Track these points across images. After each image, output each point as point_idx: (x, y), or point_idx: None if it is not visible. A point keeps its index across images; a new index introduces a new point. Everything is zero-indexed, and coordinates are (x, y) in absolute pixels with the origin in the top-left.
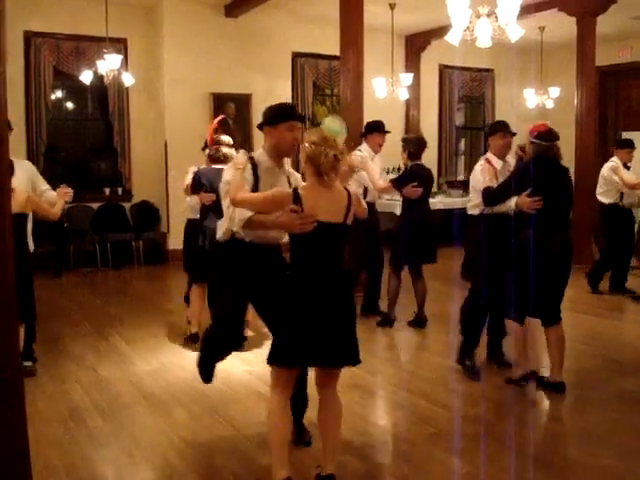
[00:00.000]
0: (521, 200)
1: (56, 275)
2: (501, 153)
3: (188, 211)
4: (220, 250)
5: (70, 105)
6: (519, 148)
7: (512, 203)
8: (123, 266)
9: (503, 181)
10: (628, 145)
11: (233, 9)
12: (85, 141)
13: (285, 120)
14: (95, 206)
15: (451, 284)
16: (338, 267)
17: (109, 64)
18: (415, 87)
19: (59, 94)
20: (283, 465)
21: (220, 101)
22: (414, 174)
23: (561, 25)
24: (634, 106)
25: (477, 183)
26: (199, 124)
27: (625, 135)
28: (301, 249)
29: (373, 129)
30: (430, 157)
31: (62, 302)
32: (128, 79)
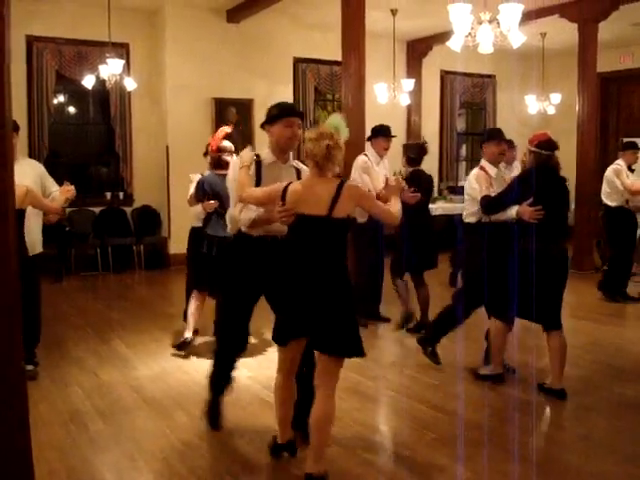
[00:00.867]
0: (522, 209)
1: (57, 279)
2: (495, 160)
3: (193, 219)
4: (229, 247)
5: (72, 109)
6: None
7: (513, 212)
8: (124, 270)
9: (504, 189)
10: (633, 147)
11: (235, 14)
12: (87, 145)
13: (282, 117)
14: (96, 210)
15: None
16: (328, 257)
17: (111, 69)
18: (416, 93)
19: (61, 98)
20: (286, 429)
21: (222, 106)
22: (414, 180)
23: (562, 31)
24: (635, 112)
25: (473, 191)
26: (201, 129)
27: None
28: (291, 239)
29: (378, 133)
30: (431, 163)
31: (63, 306)
32: (130, 84)
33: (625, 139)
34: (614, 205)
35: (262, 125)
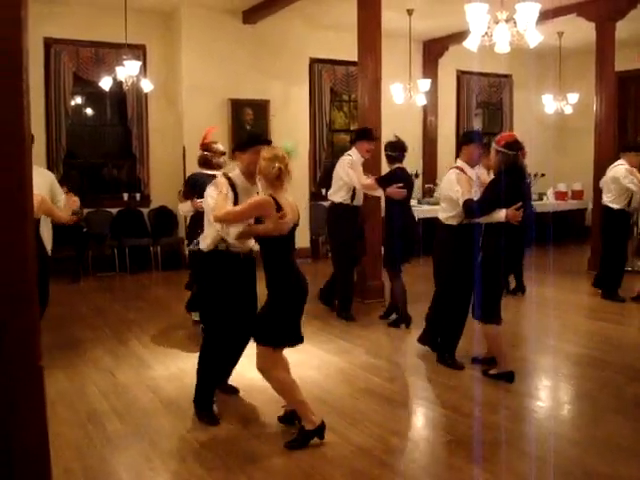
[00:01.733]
0: (512, 213)
1: (75, 280)
2: (474, 163)
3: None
4: (204, 261)
5: (89, 111)
6: None
7: (502, 215)
8: (141, 271)
9: (489, 193)
10: (635, 149)
11: (251, 15)
12: (104, 147)
13: (252, 145)
14: (114, 211)
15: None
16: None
17: (128, 70)
18: (433, 93)
19: (78, 100)
20: (314, 413)
21: (238, 107)
22: (398, 177)
23: (580, 30)
24: None
25: (454, 193)
26: (217, 130)
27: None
28: (278, 249)
29: (361, 136)
30: (448, 162)
31: (81, 307)
32: (147, 85)
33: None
34: (617, 208)
35: (233, 151)
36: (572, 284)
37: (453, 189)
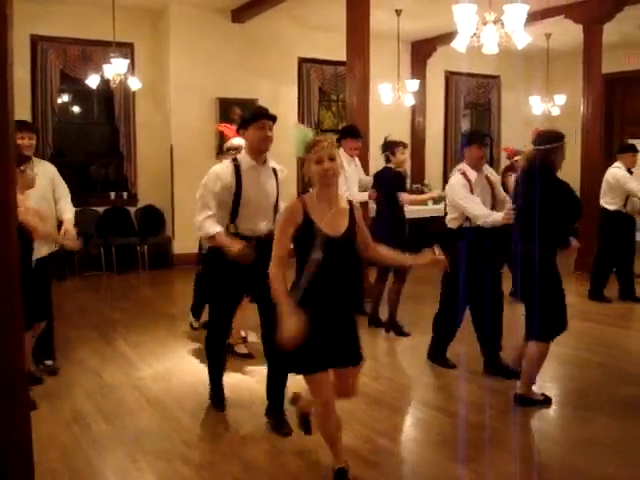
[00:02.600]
0: (507, 215)
1: (61, 279)
2: (477, 164)
3: None
4: (212, 255)
5: (76, 109)
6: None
7: (498, 218)
8: (128, 270)
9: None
10: (632, 149)
11: (240, 14)
12: (91, 145)
13: (254, 120)
14: (100, 210)
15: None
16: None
17: (116, 68)
18: (421, 93)
19: (65, 98)
20: (338, 456)
21: (226, 106)
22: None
23: (567, 32)
24: None
25: (459, 198)
26: (205, 129)
27: (631, 142)
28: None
29: (347, 134)
30: (436, 163)
31: (66, 306)
32: (134, 83)
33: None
34: (613, 209)
35: (237, 130)
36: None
37: (457, 194)
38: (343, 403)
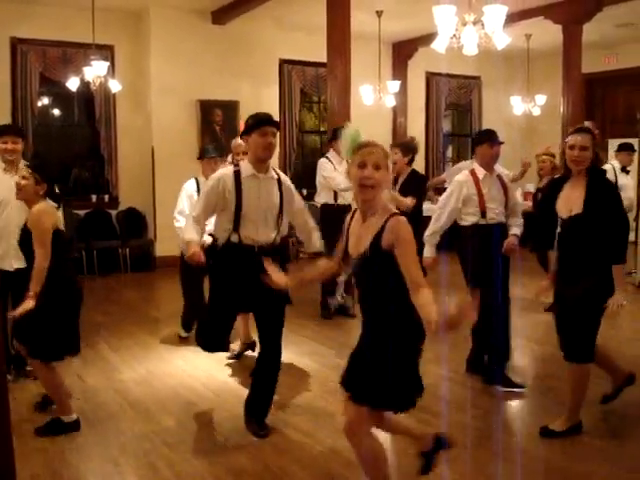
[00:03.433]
0: None
1: None
2: (488, 163)
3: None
4: (216, 254)
5: (56, 111)
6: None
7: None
8: (109, 273)
9: None
10: (628, 148)
11: (220, 16)
12: (71, 148)
13: (257, 127)
14: (81, 213)
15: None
16: None
17: (96, 70)
18: (402, 94)
19: (45, 101)
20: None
21: (207, 108)
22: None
23: (547, 33)
24: (620, 113)
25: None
26: (186, 131)
27: (611, 142)
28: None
29: (338, 135)
30: (418, 164)
31: None
32: (115, 86)
33: (609, 142)
34: None
35: (241, 136)
36: (539, 283)
37: (470, 192)
38: (325, 403)
